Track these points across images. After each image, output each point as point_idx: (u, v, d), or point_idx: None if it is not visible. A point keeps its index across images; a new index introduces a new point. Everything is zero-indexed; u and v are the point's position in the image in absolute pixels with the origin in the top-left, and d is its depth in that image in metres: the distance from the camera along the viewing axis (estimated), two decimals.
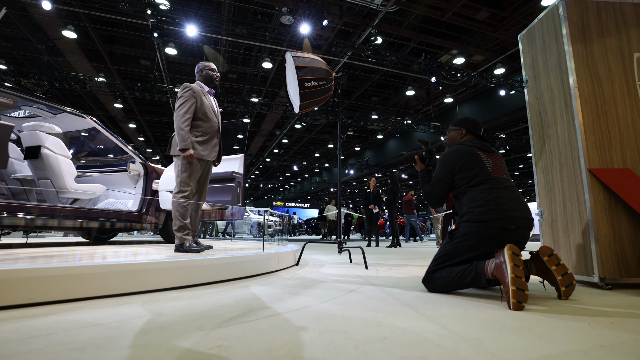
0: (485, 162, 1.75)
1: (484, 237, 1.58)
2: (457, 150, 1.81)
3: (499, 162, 1.80)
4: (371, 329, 1.01)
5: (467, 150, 1.79)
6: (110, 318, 1.10)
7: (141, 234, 9.29)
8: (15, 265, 1.28)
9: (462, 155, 1.77)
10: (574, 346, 0.87)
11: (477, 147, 1.82)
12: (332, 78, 3.05)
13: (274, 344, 0.87)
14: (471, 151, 1.79)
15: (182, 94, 2.44)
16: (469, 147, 1.81)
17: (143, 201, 3.72)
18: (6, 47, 11.96)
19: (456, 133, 1.98)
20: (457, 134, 1.97)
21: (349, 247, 3.00)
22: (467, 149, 1.80)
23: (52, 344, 0.85)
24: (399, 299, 1.48)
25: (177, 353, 0.80)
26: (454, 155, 1.80)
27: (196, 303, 1.35)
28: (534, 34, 2.35)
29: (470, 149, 1.80)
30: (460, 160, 1.76)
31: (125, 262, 1.51)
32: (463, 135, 1.95)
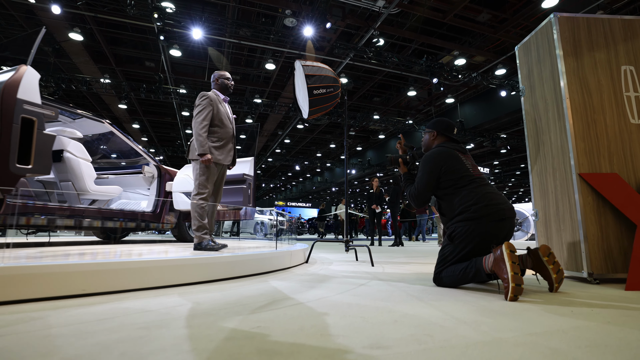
0: (465, 163, 1.92)
1: (481, 232, 1.75)
2: (440, 153, 1.95)
3: (473, 162, 1.99)
4: (383, 315, 1.18)
5: (449, 153, 1.95)
6: (157, 306, 1.28)
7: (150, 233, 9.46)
8: (71, 261, 1.46)
9: (445, 159, 1.93)
10: (556, 327, 1.04)
11: (457, 149, 1.98)
12: (339, 85, 3.22)
13: (303, 325, 1.04)
14: (453, 154, 1.95)
15: (199, 102, 2.61)
16: (451, 151, 1.96)
17: (158, 202, 3.89)
18: None
19: (429, 135, 2.14)
20: (430, 136, 2.13)
21: (356, 246, 3.17)
22: (448, 152, 1.95)
23: (120, 324, 1.02)
24: (405, 292, 1.65)
25: (226, 331, 0.97)
26: (437, 158, 1.94)
27: (226, 295, 1.52)
28: (530, 46, 2.51)
29: (452, 152, 1.96)
30: (446, 163, 1.91)
31: (161, 258, 1.69)
32: (435, 137, 2.10)
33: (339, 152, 23.65)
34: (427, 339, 0.92)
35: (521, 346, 0.86)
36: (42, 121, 1.79)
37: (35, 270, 1.30)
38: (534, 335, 0.95)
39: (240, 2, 9.98)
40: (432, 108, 16.26)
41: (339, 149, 23.07)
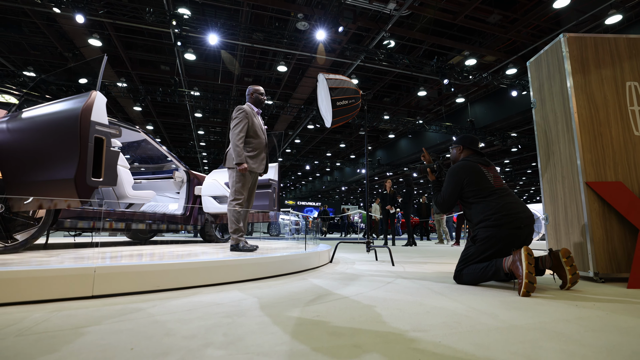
0: (487, 175, 2.16)
1: (500, 238, 1.98)
2: (463, 167, 2.21)
3: (496, 173, 2.21)
4: (416, 307, 1.42)
5: (472, 167, 2.19)
6: (225, 299, 1.53)
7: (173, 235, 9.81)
8: (148, 261, 1.72)
9: (468, 172, 2.17)
10: (562, 317, 1.26)
11: (480, 163, 2.21)
12: (359, 96, 3.44)
13: (353, 315, 1.28)
14: (475, 167, 2.19)
15: (236, 115, 2.87)
16: (473, 164, 2.20)
17: (189, 205, 4.18)
18: (34, 55, 12.60)
19: (456, 149, 2.37)
20: (457, 150, 2.37)
21: (376, 247, 3.41)
22: (471, 166, 2.20)
23: (206, 314, 1.27)
24: (430, 289, 1.88)
25: (294, 319, 1.21)
26: (460, 172, 2.19)
27: (276, 290, 1.77)
28: (541, 62, 2.70)
29: (475, 165, 2.19)
30: (468, 177, 2.16)
31: (221, 259, 1.96)
32: (461, 151, 2.34)
33: (349, 152, 23.83)
34: (456, 325, 1.15)
35: (532, 331, 1.09)
36: (109, 139, 2.06)
37: (124, 269, 1.57)
38: (543, 323, 1.18)
39: (253, 7, 10.23)
40: (442, 108, 16.33)
41: (349, 149, 23.25)
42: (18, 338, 0.97)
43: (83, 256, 2.19)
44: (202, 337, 0.99)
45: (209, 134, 21.82)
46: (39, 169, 1.95)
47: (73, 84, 10.82)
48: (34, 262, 1.74)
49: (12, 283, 1.35)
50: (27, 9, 9.51)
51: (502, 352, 0.89)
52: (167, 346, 0.91)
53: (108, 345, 0.92)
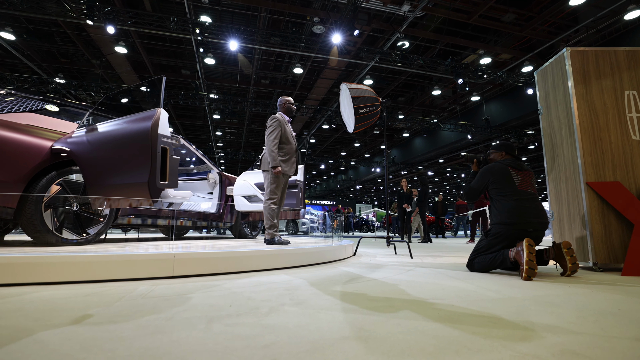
0: (514, 178, 2.40)
1: (508, 235, 2.28)
2: (493, 167, 2.49)
3: (528, 178, 2.44)
4: (434, 286, 1.74)
5: (500, 169, 2.45)
6: (277, 280, 1.89)
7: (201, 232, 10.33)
8: (212, 250, 2.11)
9: (494, 172, 2.45)
10: (554, 293, 1.56)
11: (511, 166, 2.45)
12: (379, 104, 3.76)
13: (385, 290, 1.62)
14: (504, 169, 2.44)
15: (271, 124, 3.24)
16: (503, 166, 2.46)
17: (221, 204, 4.59)
18: (64, 63, 13.33)
19: (497, 154, 2.64)
20: (498, 155, 2.63)
21: (395, 241, 3.73)
22: (500, 167, 2.46)
23: (269, 288, 1.63)
24: (445, 275, 2.20)
25: (338, 292, 1.56)
26: (489, 171, 2.48)
27: (316, 275, 2.13)
28: (547, 73, 2.96)
29: (503, 167, 2.45)
30: (494, 176, 2.44)
31: (266, 249, 2.33)
32: (503, 156, 2.61)
33: (363, 151, 24.06)
34: (466, 296, 1.47)
35: (526, 300, 1.40)
36: (172, 149, 2.44)
37: (195, 256, 1.95)
38: (536, 296, 1.49)
39: (270, 12, 10.60)
40: (457, 106, 16.39)
41: (363, 148, 23.49)
42: (144, 299, 1.34)
43: (160, 245, 2.60)
44: (275, 300, 1.34)
45: (225, 135, 22.43)
46: (117, 174, 2.35)
47: (135, 101, 11.49)
48: (119, 250, 2.13)
49: (115, 265, 1.74)
50: (59, 21, 10.14)
51: (500, 311, 1.21)
52: (254, 305, 1.27)
53: (212, 304, 1.28)
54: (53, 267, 1.62)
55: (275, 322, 1.04)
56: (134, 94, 3.80)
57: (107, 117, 2.89)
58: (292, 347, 0.83)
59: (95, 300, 1.31)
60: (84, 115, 3.06)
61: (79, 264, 1.67)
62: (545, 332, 0.97)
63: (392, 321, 1.06)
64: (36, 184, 2.46)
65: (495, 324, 1.04)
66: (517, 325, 1.04)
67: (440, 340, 0.89)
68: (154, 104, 2.43)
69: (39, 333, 0.90)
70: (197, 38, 9.86)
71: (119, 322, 1.01)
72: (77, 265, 1.67)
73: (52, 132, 2.69)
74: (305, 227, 13.65)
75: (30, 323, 0.99)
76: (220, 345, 0.83)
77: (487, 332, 0.96)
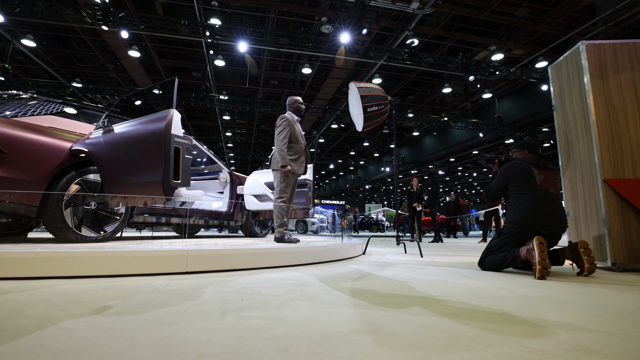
0: (535, 176, 2.30)
1: (521, 235, 2.22)
2: (513, 165, 2.40)
3: (551, 177, 2.32)
4: (443, 284, 1.74)
5: (520, 166, 2.36)
6: (287, 276, 1.91)
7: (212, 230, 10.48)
8: (224, 247, 2.15)
9: (514, 170, 2.37)
10: (567, 292, 1.54)
11: (533, 164, 2.36)
12: (388, 102, 3.75)
13: (394, 287, 1.62)
14: (525, 166, 2.34)
15: (280, 123, 3.27)
16: (524, 164, 2.37)
17: (232, 203, 4.64)
18: (81, 68, 13.68)
19: (520, 153, 2.56)
20: (521, 154, 2.55)
21: (405, 240, 3.72)
22: (520, 165, 2.37)
23: (279, 284, 1.65)
24: (456, 273, 2.19)
25: (348, 288, 1.57)
26: (509, 169, 2.40)
27: (325, 272, 2.14)
28: (561, 68, 2.91)
29: (525, 165, 2.35)
30: (513, 174, 2.35)
31: (276, 246, 2.36)
32: (526, 154, 2.52)
33: (372, 150, 23.97)
34: (477, 294, 1.46)
35: (539, 298, 1.39)
36: (184, 149, 2.50)
37: (207, 252, 1.99)
38: (550, 295, 1.47)
39: (279, 13, 10.65)
40: (468, 104, 16.18)
41: (372, 147, 23.39)
42: (159, 293, 1.38)
43: (174, 242, 2.65)
44: (286, 295, 1.37)
45: (235, 135, 22.64)
46: (132, 173, 2.42)
47: (148, 103, 11.80)
48: (135, 247, 2.19)
49: (132, 260, 1.79)
50: (76, 27, 10.41)
51: (511, 308, 1.20)
52: (265, 299, 1.29)
53: (224, 298, 1.31)
54: (75, 262, 1.68)
55: (285, 315, 1.06)
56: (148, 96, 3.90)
57: (122, 119, 2.97)
58: (302, 338, 0.85)
59: (114, 293, 1.36)
60: (100, 117, 3.15)
61: (99, 260, 1.73)
62: (558, 329, 0.96)
63: (402, 316, 1.07)
64: (57, 183, 2.55)
65: (507, 321, 1.04)
66: (528, 322, 1.03)
67: (449, 335, 0.89)
68: (167, 105, 2.49)
69: (64, 321, 0.94)
70: (207, 40, 9.99)
71: (137, 313, 1.04)
72: (97, 261, 1.73)
73: (71, 133, 2.78)
74: (315, 227, 13.68)
75: (56, 312, 1.04)
76: (233, 336, 0.85)
77: (498, 328, 0.96)
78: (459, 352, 0.77)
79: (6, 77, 10.55)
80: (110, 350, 0.74)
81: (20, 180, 2.32)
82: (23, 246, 2.00)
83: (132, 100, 3.63)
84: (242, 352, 0.75)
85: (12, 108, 2.54)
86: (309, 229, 13.94)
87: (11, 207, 2.32)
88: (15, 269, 1.60)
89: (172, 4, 10.23)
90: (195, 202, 5.24)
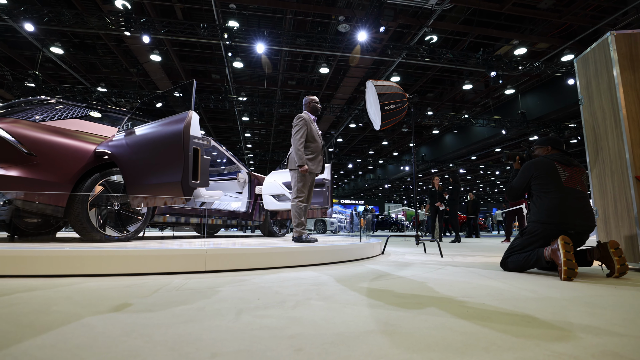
0: (560, 174, 2.19)
1: (546, 235, 2.13)
2: (536, 162, 2.30)
3: (577, 175, 2.22)
4: (464, 284, 1.69)
5: (544, 163, 2.26)
6: (304, 276, 1.91)
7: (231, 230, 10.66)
8: (242, 246, 2.17)
9: (537, 167, 2.27)
10: (596, 294, 1.47)
11: (557, 160, 2.25)
12: (406, 100, 3.69)
13: (413, 287, 1.59)
14: (548, 163, 2.24)
15: (297, 123, 3.28)
16: (548, 160, 2.26)
17: (250, 203, 4.70)
18: (105, 73, 14.20)
19: (543, 149, 2.44)
20: (544, 150, 2.43)
21: (425, 240, 3.66)
22: (544, 162, 2.27)
23: (296, 284, 1.65)
24: (477, 273, 2.13)
25: (365, 288, 1.55)
26: (532, 166, 2.30)
27: (342, 272, 2.13)
28: (588, 60, 2.77)
29: (549, 162, 2.25)
30: (537, 171, 2.26)
31: (294, 246, 2.37)
32: (549, 151, 2.41)
33: (391, 149, 23.71)
34: (498, 295, 1.42)
35: (565, 301, 1.32)
36: (203, 149, 2.55)
37: (226, 252, 2.02)
38: (577, 297, 1.40)
39: (296, 13, 10.69)
40: (490, 100, 15.74)
41: (391, 146, 23.14)
42: (178, 291, 1.41)
43: (193, 242, 2.71)
44: (302, 295, 1.36)
45: (254, 136, 22.92)
46: (153, 174, 2.49)
47: (168, 105, 12.20)
48: (155, 246, 2.25)
49: (152, 259, 1.84)
50: (101, 34, 10.81)
51: (534, 310, 1.16)
52: (281, 298, 1.29)
53: (240, 297, 1.32)
54: (98, 261, 1.75)
55: (301, 314, 1.06)
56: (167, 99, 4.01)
57: (143, 121, 3.06)
58: (317, 338, 0.84)
59: (135, 291, 1.40)
60: (123, 120, 3.25)
61: (121, 259, 1.79)
62: (584, 333, 0.92)
63: (419, 317, 1.05)
64: (82, 184, 2.65)
65: (529, 323, 1.00)
66: (553, 325, 0.99)
67: (468, 337, 0.86)
68: (185, 107, 2.54)
69: (86, 318, 0.98)
70: (225, 43, 10.15)
71: (155, 311, 1.07)
72: (119, 260, 1.78)
73: (95, 136, 2.89)
74: (334, 227, 13.68)
75: (79, 309, 1.08)
76: (248, 334, 0.86)
77: (520, 330, 0.93)
78: (477, 355, 0.75)
79: (37, 83, 11.07)
80: (127, 346, 0.76)
81: (48, 182, 2.44)
82: (51, 245, 2.10)
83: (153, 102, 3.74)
84: (255, 351, 0.75)
85: (41, 113, 2.67)
86: (327, 229, 13.94)
87: (39, 208, 2.43)
88: (44, 267, 1.68)
89: (191, 8, 10.46)
90: (215, 202, 5.33)
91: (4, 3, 8.72)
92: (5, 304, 1.12)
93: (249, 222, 4.89)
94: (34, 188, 2.37)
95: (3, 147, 2.34)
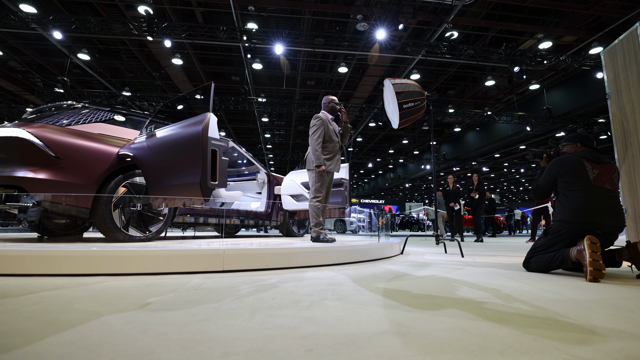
0: (588, 171, 2.09)
1: (571, 235, 2.04)
2: (563, 159, 2.21)
3: (607, 172, 2.11)
4: (484, 285, 1.65)
5: (571, 160, 2.17)
6: (321, 276, 1.92)
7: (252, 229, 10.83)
8: (260, 247, 2.21)
9: (564, 165, 2.18)
10: (622, 296, 1.40)
11: (585, 158, 2.15)
12: (424, 97, 3.63)
13: (430, 287, 1.56)
14: (576, 161, 2.15)
15: (314, 123, 3.30)
16: (576, 157, 2.17)
17: (269, 204, 4.76)
18: (129, 77, 14.71)
19: (571, 146, 2.34)
20: (572, 147, 2.33)
21: (445, 239, 3.59)
22: (572, 159, 2.17)
23: (312, 284, 1.66)
24: (498, 274, 2.07)
25: (381, 288, 1.54)
26: (558, 164, 2.21)
27: (359, 272, 2.12)
28: (616, 52, 2.64)
29: (577, 159, 2.15)
30: (564, 168, 2.16)
31: (311, 246, 2.39)
32: (578, 148, 2.30)
33: (412, 148, 23.37)
34: (519, 296, 1.37)
35: (589, 302, 1.27)
36: (221, 151, 2.60)
37: (243, 252, 2.06)
38: (602, 299, 1.34)
39: (314, 13, 10.72)
40: (514, 96, 15.24)
41: (412, 145, 22.81)
42: (196, 291, 1.44)
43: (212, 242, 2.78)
44: (317, 295, 1.37)
45: (274, 137, 23.15)
46: (173, 175, 2.56)
47: (187, 108, 12.60)
48: (175, 246, 2.32)
49: (172, 259, 1.90)
50: (125, 39, 11.20)
51: (556, 313, 1.11)
52: (296, 298, 1.30)
53: (256, 296, 1.34)
54: (121, 261, 1.82)
55: (315, 315, 1.07)
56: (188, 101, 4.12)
57: (164, 124, 3.15)
58: (329, 338, 0.84)
59: (154, 290, 1.44)
60: (145, 123, 3.36)
61: (142, 258, 1.85)
62: (609, 336, 0.88)
63: (434, 318, 1.03)
64: (106, 186, 2.76)
65: (550, 326, 0.96)
66: (575, 327, 0.95)
67: (484, 339, 0.84)
68: (204, 109, 2.60)
69: (106, 316, 1.02)
70: (244, 45, 10.30)
71: (172, 310, 1.10)
72: (141, 259, 1.85)
73: (118, 139, 3.01)
74: (353, 226, 13.63)
75: (100, 307, 1.12)
76: (261, 334, 0.87)
77: (540, 333, 0.90)
78: (492, 358, 0.73)
79: (65, 89, 11.61)
80: (143, 344, 0.78)
81: (74, 184, 2.55)
82: (77, 245, 2.19)
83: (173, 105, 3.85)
84: (267, 351, 0.76)
85: (67, 117, 2.80)
86: (347, 229, 13.91)
87: (66, 209, 2.56)
88: (70, 266, 1.76)
89: (211, 12, 10.68)
90: (234, 203, 5.43)
91: (34, 12, 9.19)
92: (32, 302, 1.18)
93: (267, 223, 4.95)
94: (61, 190, 2.48)
95: (32, 151, 2.47)
